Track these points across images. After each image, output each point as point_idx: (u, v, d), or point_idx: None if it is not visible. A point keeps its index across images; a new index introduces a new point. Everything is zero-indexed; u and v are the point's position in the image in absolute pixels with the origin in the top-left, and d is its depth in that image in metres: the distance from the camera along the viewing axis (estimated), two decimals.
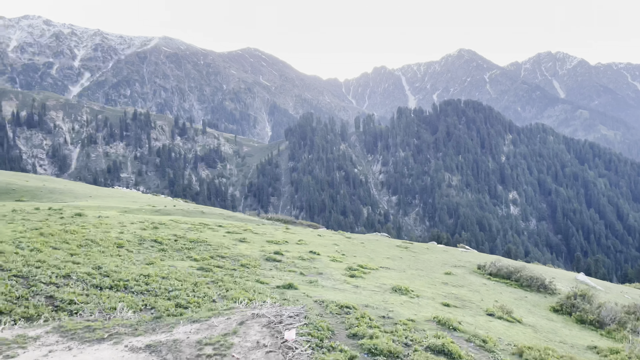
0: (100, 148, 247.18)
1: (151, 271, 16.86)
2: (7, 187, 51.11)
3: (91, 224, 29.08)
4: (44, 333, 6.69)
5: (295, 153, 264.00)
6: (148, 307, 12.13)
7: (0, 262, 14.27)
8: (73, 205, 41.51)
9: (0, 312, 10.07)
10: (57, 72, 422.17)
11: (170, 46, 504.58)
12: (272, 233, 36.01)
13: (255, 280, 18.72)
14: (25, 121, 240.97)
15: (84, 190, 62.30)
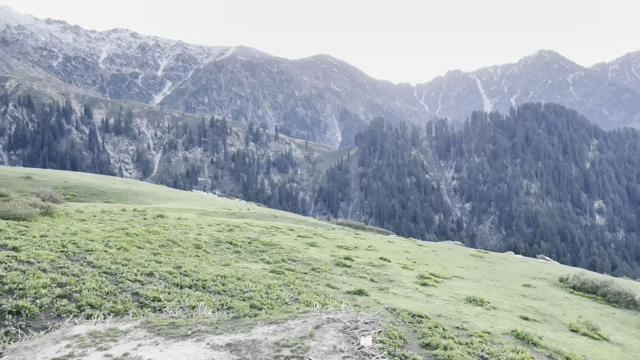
0: (180, 153, 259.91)
1: (227, 272, 17.45)
2: (97, 190, 54.99)
3: (172, 225, 30.59)
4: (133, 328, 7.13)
5: (365, 158, 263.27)
6: (225, 307, 12.55)
7: (92, 260, 15.36)
8: (155, 207, 43.91)
9: (92, 306, 10.84)
10: (142, 81, 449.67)
11: (246, 55, 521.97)
12: (342, 238, 36.07)
13: (325, 285, 18.81)
14: (113, 128, 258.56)
15: (165, 193, 65.75)
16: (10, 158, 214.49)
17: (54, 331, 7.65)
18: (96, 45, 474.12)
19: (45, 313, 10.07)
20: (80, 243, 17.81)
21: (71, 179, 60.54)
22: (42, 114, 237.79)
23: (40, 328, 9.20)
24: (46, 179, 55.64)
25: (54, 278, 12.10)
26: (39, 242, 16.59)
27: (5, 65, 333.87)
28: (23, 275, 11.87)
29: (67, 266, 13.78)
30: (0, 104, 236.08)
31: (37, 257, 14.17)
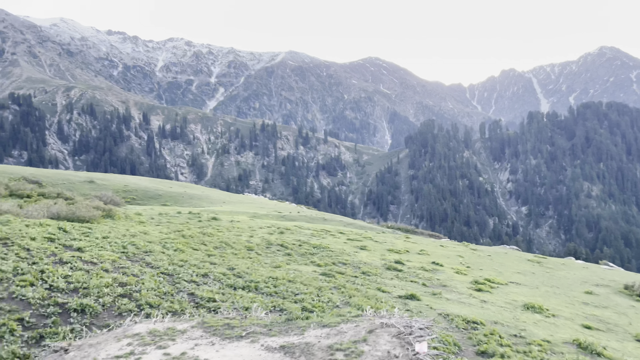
0: (232, 157, 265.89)
1: (278, 274, 17.65)
2: (155, 193, 57.13)
3: (225, 227, 31.31)
4: (190, 327, 7.33)
5: (416, 161, 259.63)
6: (277, 309, 12.70)
7: (150, 260, 15.94)
8: (209, 209, 45.09)
9: (151, 305, 11.25)
10: (196, 88, 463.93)
11: (296, 60, 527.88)
12: (393, 242, 35.68)
13: (376, 289, 18.66)
14: (170, 133, 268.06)
15: (218, 196, 67.40)
16: (75, 163, 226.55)
17: (116, 329, 8.00)
18: (153, 54, 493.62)
19: (107, 311, 10.53)
20: (140, 244, 18.53)
21: (130, 183, 63.17)
22: (104, 121, 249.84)
23: (103, 326, 9.63)
24: (107, 183, 58.33)
25: (115, 278, 12.63)
26: (102, 243, 17.38)
27: (70, 75, 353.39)
28: (87, 275, 12.47)
29: (128, 266, 14.36)
30: (66, 112, 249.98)
31: (99, 257, 14.85)
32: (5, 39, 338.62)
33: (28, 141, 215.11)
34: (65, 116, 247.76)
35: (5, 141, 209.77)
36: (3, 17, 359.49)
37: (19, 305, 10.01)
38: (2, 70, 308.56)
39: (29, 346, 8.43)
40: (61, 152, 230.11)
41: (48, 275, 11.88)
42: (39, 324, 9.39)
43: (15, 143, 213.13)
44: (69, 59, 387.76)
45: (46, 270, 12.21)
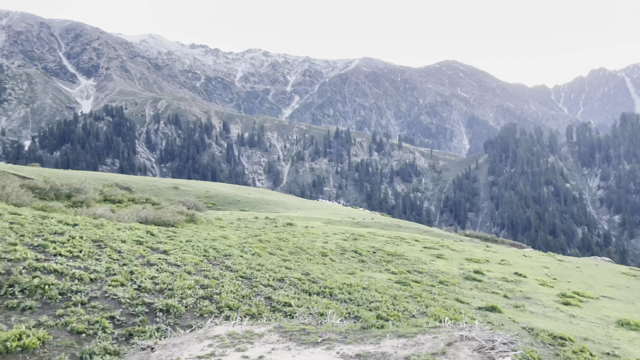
0: (307, 164, 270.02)
1: (352, 281, 17.59)
2: (234, 199, 59.24)
3: (300, 233, 31.77)
4: (267, 331, 7.47)
5: (496, 166, 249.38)
6: (352, 316, 12.64)
7: (229, 264, 16.49)
8: (285, 215, 46.00)
9: (230, 308, 11.60)
10: (273, 97, 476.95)
11: (370, 66, 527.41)
12: (471, 250, 34.44)
13: (454, 299, 18.07)
14: (248, 141, 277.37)
15: (293, 202, 68.64)
16: (162, 170, 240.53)
17: (198, 330, 8.33)
18: (233, 65, 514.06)
19: (190, 312, 10.99)
20: (220, 248, 19.24)
21: (211, 189, 65.96)
22: (187, 130, 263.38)
23: (186, 326, 10.06)
24: (190, 189, 61.27)
25: (197, 280, 13.18)
26: (185, 247, 18.23)
27: (157, 88, 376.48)
28: (172, 277, 13.11)
29: (209, 269, 14.94)
30: (154, 122, 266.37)
31: (183, 260, 15.58)
32: (100, 55, 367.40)
33: (120, 150, 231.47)
34: (153, 126, 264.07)
35: (100, 150, 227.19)
36: (98, 35, 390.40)
37: (111, 304, 10.70)
38: (98, 85, 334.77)
39: (119, 343, 8.97)
40: (149, 160, 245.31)
41: (137, 276, 12.62)
42: (128, 323, 9.98)
43: (109, 152, 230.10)
44: (157, 72, 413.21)
45: (135, 272, 12.98)
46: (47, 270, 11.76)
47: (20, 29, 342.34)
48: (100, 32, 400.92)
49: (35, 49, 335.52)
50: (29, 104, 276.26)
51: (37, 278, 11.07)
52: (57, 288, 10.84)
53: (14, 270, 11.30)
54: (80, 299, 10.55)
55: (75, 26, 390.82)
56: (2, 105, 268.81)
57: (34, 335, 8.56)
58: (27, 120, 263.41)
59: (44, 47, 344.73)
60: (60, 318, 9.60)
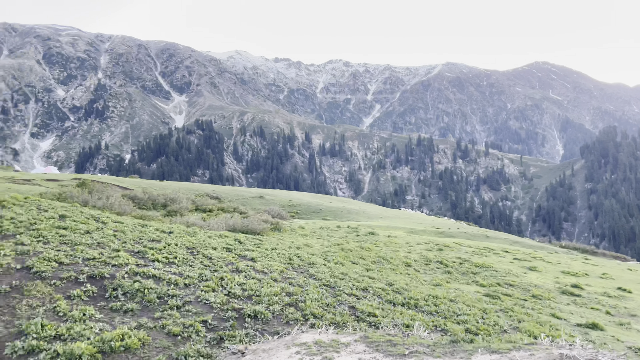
0: (388, 172, 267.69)
1: (438, 292, 17.10)
2: (316, 208, 60.05)
3: (382, 242, 31.48)
4: (353, 341, 7.45)
5: (594, 173, 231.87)
6: (438, 329, 12.28)
7: (313, 272, 16.70)
8: (366, 224, 45.83)
9: (315, 316, 11.72)
10: (354, 106, 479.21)
11: (453, 71, 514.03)
12: (568, 263, 32.22)
13: (549, 314, 16.97)
14: (329, 151, 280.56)
15: (375, 211, 68.25)
16: (248, 180, 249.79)
17: (285, 337, 8.49)
18: (314, 77, 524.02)
19: (276, 319, 11.25)
20: (303, 256, 19.56)
21: (294, 198, 67.37)
22: (271, 141, 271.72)
23: (273, 332, 10.30)
24: (275, 198, 62.99)
25: (283, 287, 13.46)
26: (271, 254, 18.74)
27: (243, 101, 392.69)
28: (259, 284, 13.50)
29: (293, 277, 15.22)
30: (240, 134, 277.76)
31: (269, 267, 16.01)
32: (191, 72, 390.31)
33: (210, 161, 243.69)
34: (239, 138, 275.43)
35: (192, 162, 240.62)
36: (190, 54, 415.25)
37: (203, 308, 11.23)
38: (189, 100, 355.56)
39: (211, 346, 9.37)
40: (236, 171, 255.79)
41: (227, 282, 13.14)
42: (219, 327, 10.41)
43: (200, 163, 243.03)
44: (243, 87, 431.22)
45: (225, 278, 13.53)
46: (147, 275, 12.59)
47: (121, 51, 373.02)
48: (191, 50, 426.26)
49: (134, 69, 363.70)
50: (129, 120, 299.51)
51: (137, 282, 11.89)
52: (155, 292, 11.56)
53: (117, 275, 12.23)
54: (176, 303, 11.17)
55: (169, 46, 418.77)
56: (106, 122, 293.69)
57: (135, 336, 9.17)
58: (128, 135, 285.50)
59: (142, 67, 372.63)
60: (158, 320, 10.22)
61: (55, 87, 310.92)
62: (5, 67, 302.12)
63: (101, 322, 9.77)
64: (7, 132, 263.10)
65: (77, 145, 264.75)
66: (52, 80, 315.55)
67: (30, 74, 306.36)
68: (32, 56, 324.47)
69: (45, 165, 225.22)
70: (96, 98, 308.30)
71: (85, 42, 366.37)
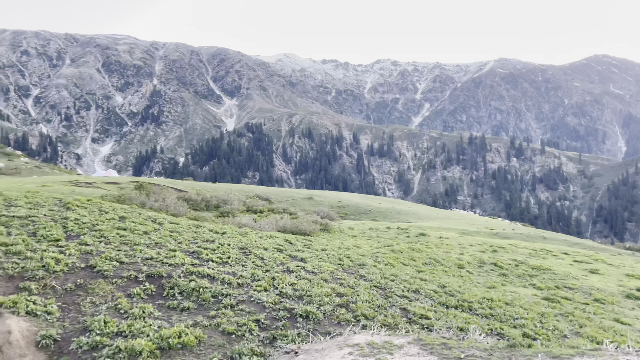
0: (439, 172, 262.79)
1: (493, 295, 16.62)
2: (365, 208, 59.77)
3: (433, 243, 30.95)
4: (406, 343, 7.36)
5: None
6: (494, 333, 11.93)
7: (363, 273, 16.64)
8: (416, 225, 45.18)
9: (366, 317, 11.67)
10: (402, 106, 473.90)
11: (506, 67, 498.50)
12: (632, 266, 30.53)
13: (613, 319, 16.14)
14: (377, 151, 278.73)
15: (425, 212, 67.16)
16: (297, 182, 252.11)
17: (337, 337, 8.51)
18: (362, 77, 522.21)
19: (327, 319, 11.29)
20: (353, 257, 19.52)
21: (343, 199, 67.34)
22: (320, 142, 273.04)
23: (325, 333, 10.34)
24: (323, 199, 63.20)
25: (333, 288, 13.49)
26: (320, 255, 18.82)
27: (291, 104, 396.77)
28: (309, 284, 13.59)
29: (344, 278, 15.22)
30: (289, 136, 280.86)
31: (319, 268, 16.09)
32: (241, 76, 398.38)
33: (260, 163, 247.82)
34: (288, 140, 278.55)
35: (242, 164, 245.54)
36: (239, 58, 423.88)
37: (256, 307, 11.42)
38: (240, 104, 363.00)
39: (264, 345, 9.52)
40: (285, 172, 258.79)
41: (278, 282, 13.32)
42: (272, 326, 10.56)
43: (250, 165, 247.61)
44: (291, 89, 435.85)
45: (276, 278, 13.72)
46: (202, 275, 12.96)
47: (174, 58, 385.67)
48: (241, 55, 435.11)
49: (187, 74, 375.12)
50: (182, 124, 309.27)
51: (193, 281, 12.26)
52: (210, 291, 11.87)
53: (174, 274, 12.65)
54: (230, 302, 11.42)
55: (220, 52, 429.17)
56: (161, 126, 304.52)
57: (191, 334, 9.45)
58: (182, 139, 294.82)
59: (194, 73, 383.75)
60: (213, 319, 10.49)
61: (113, 94, 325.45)
62: (67, 76, 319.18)
63: (159, 320, 10.13)
64: (70, 137, 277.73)
65: (134, 149, 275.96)
66: (110, 88, 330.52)
67: (90, 82, 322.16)
68: (92, 65, 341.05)
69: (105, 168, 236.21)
70: (152, 104, 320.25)
71: (141, 50, 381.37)
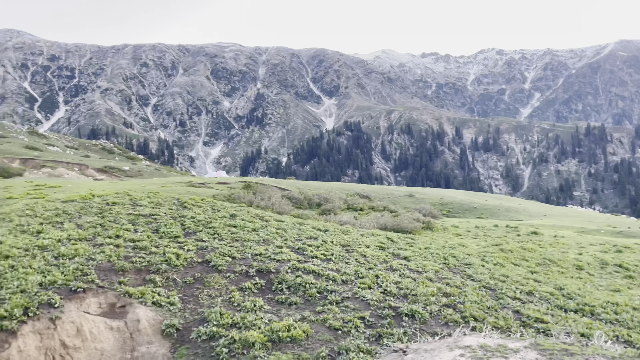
0: (552, 166, 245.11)
1: (619, 299, 15.17)
2: (469, 206, 57.49)
3: (547, 243, 28.97)
4: (522, 347, 6.95)
5: None
6: (620, 340, 10.89)
7: (471, 273, 16.00)
8: (528, 223, 42.53)
9: (475, 318, 11.22)
10: (509, 97, 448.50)
11: (628, 49, 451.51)
12: None
13: None
14: (482, 145, 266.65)
15: (537, 209, 63.04)
16: (396, 179, 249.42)
17: (447, 338, 8.28)
18: (464, 69, 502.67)
19: (434, 319, 11.03)
20: (459, 256, 18.87)
21: (446, 196, 65.33)
22: (420, 138, 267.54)
23: (432, 333, 10.11)
24: (425, 196, 61.82)
25: (439, 288, 13.15)
26: (424, 254, 18.44)
27: (390, 100, 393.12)
28: (414, 283, 13.38)
29: (449, 277, 14.77)
30: (387, 133, 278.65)
31: (423, 267, 15.77)
32: (339, 76, 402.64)
33: (359, 161, 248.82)
34: (387, 137, 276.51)
35: (342, 162, 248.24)
36: (338, 58, 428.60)
37: (360, 305, 11.49)
38: (338, 103, 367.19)
39: (370, 343, 9.54)
40: (384, 170, 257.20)
41: (382, 280, 13.27)
42: (377, 324, 10.55)
43: (349, 163, 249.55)
44: (389, 85, 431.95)
45: (380, 276, 13.68)
46: (307, 271, 13.31)
47: (276, 62, 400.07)
48: (339, 54, 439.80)
49: (288, 77, 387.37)
50: (284, 125, 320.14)
51: (299, 277, 12.64)
52: (316, 287, 12.16)
53: (281, 270, 13.13)
54: (335, 298, 11.61)
55: (319, 52, 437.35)
56: (264, 128, 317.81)
57: (299, 328, 9.75)
58: (284, 139, 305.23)
59: (295, 75, 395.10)
60: (319, 314, 10.74)
61: (221, 99, 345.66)
62: (181, 85, 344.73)
63: (269, 314, 10.58)
64: (184, 141, 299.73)
65: (241, 150, 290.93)
66: (219, 93, 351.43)
67: (201, 89, 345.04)
68: (202, 73, 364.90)
69: (215, 169, 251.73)
70: (256, 107, 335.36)
71: (245, 56, 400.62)
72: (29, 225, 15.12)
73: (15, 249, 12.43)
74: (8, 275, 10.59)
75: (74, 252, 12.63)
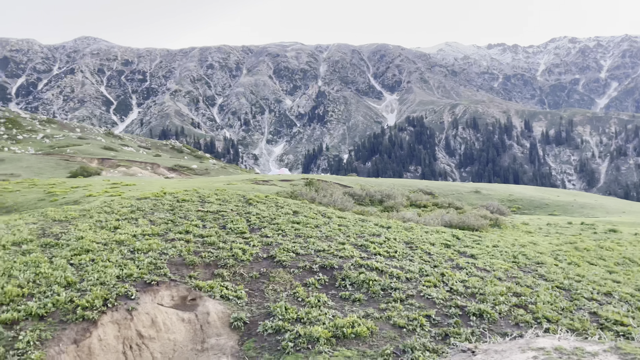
0: (631, 160, 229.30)
1: None
2: (540, 202, 54.93)
3: (627, 241, 27.19)
4: (601, 351, 6.55)
5: None
6: None
7: (543, 272, 15.28)
8: (605, 220, 40.05)
9: (548, 320, 10.71)
10: (583, 87, 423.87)
11: None
12: None
13: None
14: (554, 139, 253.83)
15: (615, 205, 59.22)
16: (461, 175, 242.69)
17: (519, 339, 7.96)
18: (534, 59, 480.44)
19: (504, 320, 10.63)
20: (530, 255, 18.08)
21: (514, 192, 62.78)
22: (486, 132, 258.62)
23: (501, 334, 9.75)
24: (492, 192, 59.71)
25: (509, 287, 12.67)
26: (492, 252, 17.82)
27: (454, 94, 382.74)
28: (482, 282, 12.96)
29: (520, 277, 14.20)
30: (452, 128, 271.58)
31: (492, 265, 15.24)
32: (401, 70, 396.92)
33: (421, 157, 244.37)
34: (451, 132, 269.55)
35: (404, 158, 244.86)
36: (399, 53, 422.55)
37: (426, 303, 11.28)
38: (400, 98, 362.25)
39: (436, 342, 9.35)
40: (448, 165, 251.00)
41: (448, 279, 12.97)
42: (443, 323, 10.32)
43: (412, 159, 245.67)
44: (453, 79, 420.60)
45: (446, 274, 13.37)
46: (370, 268, 13.25)
47: (336, 59, 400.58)
48: (401, 49, 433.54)
49: (348, 73, 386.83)
50: (345, 122, 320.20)
51: (362, 274, 12.60)
52: (379, 284, 12.08)
53: (344, 266, 13.15)
54: (399, 296, 11.47)
55: (380, 48, 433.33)
56: (325, 125, 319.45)
57: (364, 324, 9.72)
58: (345, 136, 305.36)
59: (356, 71, 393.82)
60: (383, 312, 10.65)
61: (283, 98, 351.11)
62: (245, 85, 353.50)
63: (333, 310, 10.63)
64: (248, 140, 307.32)
65: (302, 148, 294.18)
66: (281, 92, 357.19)
67: (264, 88, 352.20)
68: (265, 72, 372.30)
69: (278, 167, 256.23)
70: (317, 104, 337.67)
71: (307, 54, 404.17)
72: (107, 222, 16.08)
73: (95, 243, 13.25)
74: (89, 268, 11.31)
75: (148, 247, 13.29)
